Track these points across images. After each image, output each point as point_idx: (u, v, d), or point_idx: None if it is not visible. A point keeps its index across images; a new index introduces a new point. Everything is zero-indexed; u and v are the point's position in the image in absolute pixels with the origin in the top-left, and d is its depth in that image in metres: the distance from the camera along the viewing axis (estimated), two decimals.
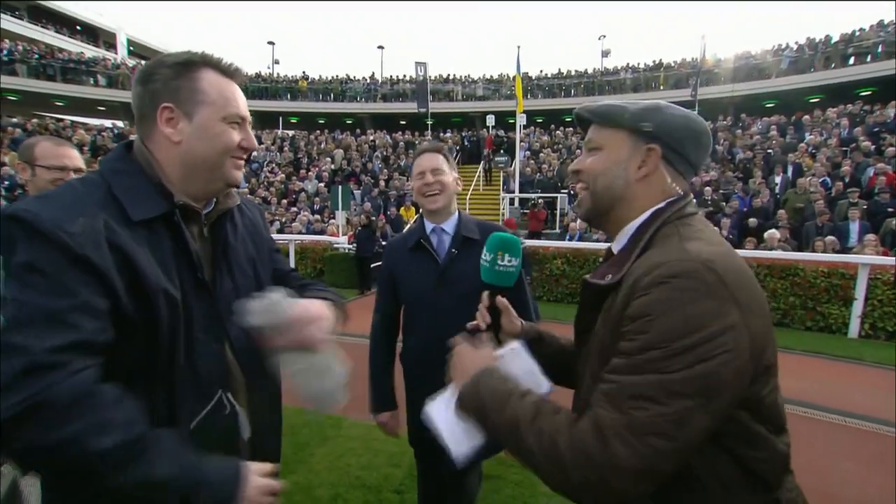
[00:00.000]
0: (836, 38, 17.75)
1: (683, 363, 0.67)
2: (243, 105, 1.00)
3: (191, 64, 0.95)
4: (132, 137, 0.99)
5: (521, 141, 15.56)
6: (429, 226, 1.77)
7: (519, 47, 15.16)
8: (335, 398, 1.02)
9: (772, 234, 8.28)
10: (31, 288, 0.74)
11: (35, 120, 18.28)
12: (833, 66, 17.20)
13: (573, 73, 23.05)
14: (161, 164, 0.94)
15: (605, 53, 25.74)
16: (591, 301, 0.86)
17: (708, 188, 11.16)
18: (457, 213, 1.80)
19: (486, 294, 1.06)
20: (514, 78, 17.14)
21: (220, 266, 1.02)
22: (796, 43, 18.67)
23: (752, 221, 9.38)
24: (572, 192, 13.01)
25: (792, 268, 7.16)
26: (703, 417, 0.67)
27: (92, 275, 0.77)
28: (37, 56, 21.22)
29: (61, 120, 20.50)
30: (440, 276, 1.68)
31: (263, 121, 22.79)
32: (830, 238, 7.87)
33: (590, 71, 23.14)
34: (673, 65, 21.06)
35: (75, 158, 1.77)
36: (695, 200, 0.89)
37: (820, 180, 9.99)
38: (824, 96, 16.52)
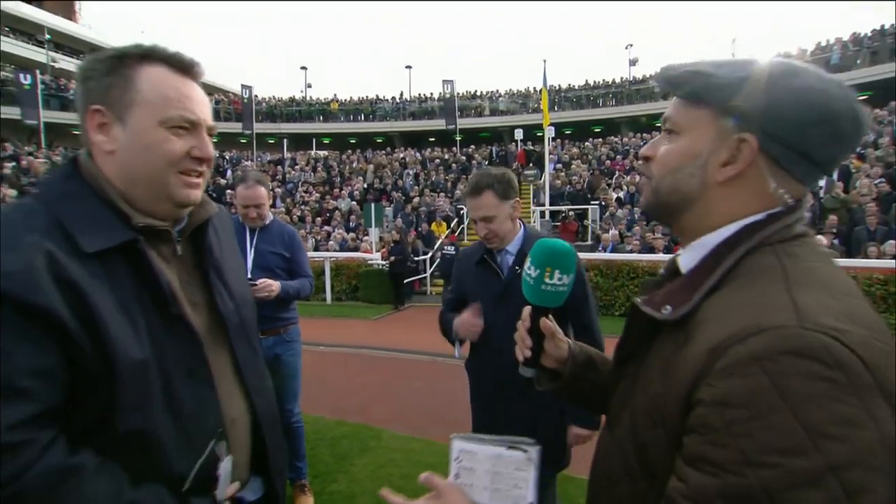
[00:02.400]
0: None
1: (816, 497, 0.44)
2: (198, 106, 0.82)
3: (126, 57, 0.79)
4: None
5: (550, 153, 15.53)
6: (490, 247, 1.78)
7: (545, 61, 15.27)
8: None
9: (820, 240, 7.91)
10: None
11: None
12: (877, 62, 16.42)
13: (601, 83, 22.90)
14: (109, 179, 0.79)
15: (633, 62, 25.50)
16: (641, 331, 0.66)
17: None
18: (521, 231, 1.76)
19: (526, 312, 0.85)
20: (540, 91, 17.21)
21: (214, 285, 0.91)
22: (837, 39, 17.94)
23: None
24: (610, 199, 12.58)
25: None
26: None
27: (36, 323, 0.64)
28: None
29: None
30: (502, 292, 1.67)
31: (297, 142, 23.68)
32: (892, 242, 7.38)
33: (618, 80, 22.93)
34: None
35: (261, 197, 2.05)
36: (808, 213, 0.62)
37: (874, 182, 9.48)
38: (872, 93, 15.73)
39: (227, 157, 20.59)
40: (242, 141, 22.05)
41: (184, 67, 0.83)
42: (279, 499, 1.02)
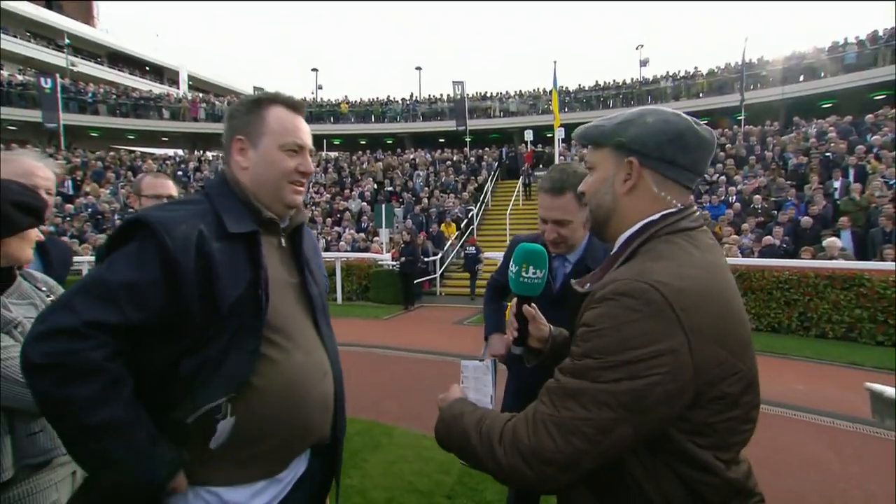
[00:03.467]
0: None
1: (612, 377, 0.70)
2: (303, 134, 1.14)
3: (260, 101, 1.13)
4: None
5: (559, 155, 15.50)
6: (553, 252, 1.65)
7: (555, 62, 15.28)
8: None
9: (832, 242, 7.83)
10: (114, 267, 0.92)
11: (112, 153, 20.06)
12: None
13: (611, 84, 22.80)
14: (243, 186, 1.10)
15: (644, 63, 25.33)
16: (576, 306, 0.87)
17: (757, 196, 10.68)
18: (585, 241, 1.64)
19: (514, 301, 1.09)
20: (550, 92, 17.19)
21: (305, 272, 1.18)
22: (856, 38, 17.65)
23: (806, 220, 8.89)
24: None
25: (857, 278, 6.73)
26: (625, 429, 0.71)
27: (171, 273, 0.92)
28: (114, 96, 23.38)
29: (133, 151, 22.41)
30: (553, 301, 1.54)
31: None
32: None
33: (628, 81, 22.81)
34: (716, 70, 20.42)
35: (169, 188, 2.09)
36: (698, 213, 0.87)
37: (891, 182, 9.33)
38: (891, 92, 15.42)
39: None
40: None
41: (295, 107, 1.15)
42: (340, 452, 1.26)
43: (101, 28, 34.56)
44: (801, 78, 18.08)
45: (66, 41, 26.92)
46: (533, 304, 1.08)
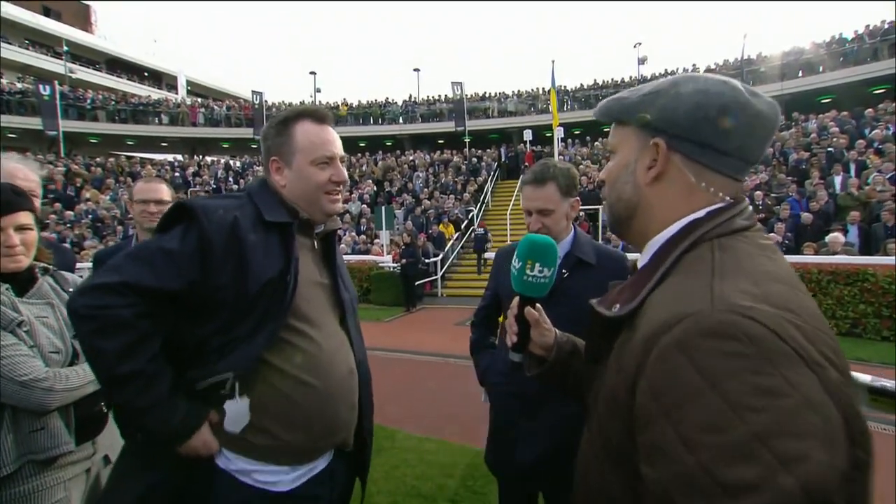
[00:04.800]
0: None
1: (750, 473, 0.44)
2: (332, 145, 1.20)
3: (287, 121, 1.19)
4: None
5: (559, 154, 15.48)
6: None
7: (553, 61, 15.26)
8: None
9: (835, 237, 7.80)
10: (160, 240, 1.04)
11: (111, 159, 20.07)
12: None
13: (609, 82, 22.78)
14: (282, 195, 1.19)
15: (642, 61, 25.24)
16: (598, 331, 0.71)
17: (759, 192, 10.64)
18: (572, 233, 1.66)
19: (515, 301, 0.96)
20: (549, 92, 17.18)
21: (337, 276, 1.25)
22: (855, 32, 17.60)
23: (806, 217, 8.85)
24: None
25: (860, 273, 6.70)
26: None
27: (207, 251, 1.02)
28: (113, 102, 23.40)
29: (132, 157, 22.43)
30: (547, 296, 1.55)
31: None
32: None
33: (626, 79, 22.79)
34: (715, 67, 20.39)
35: (159, 192, 2.09)
36: (750, 208, 0.69)
37: (887, 176, 9.29)
38: (890, 86, 15.37)
39: (240, 163, 20.91)
40: (254, 146, 22.31)
41: (321, 118, 1.21)
42: (368, 454, 1.30)
43: (100, 35, 34.58)
44: (800, 73, 18.04)
45: (65, 48, 26.97)
46: (539, 306, 0.95)
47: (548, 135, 18.71)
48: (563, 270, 1.59)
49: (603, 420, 0.65)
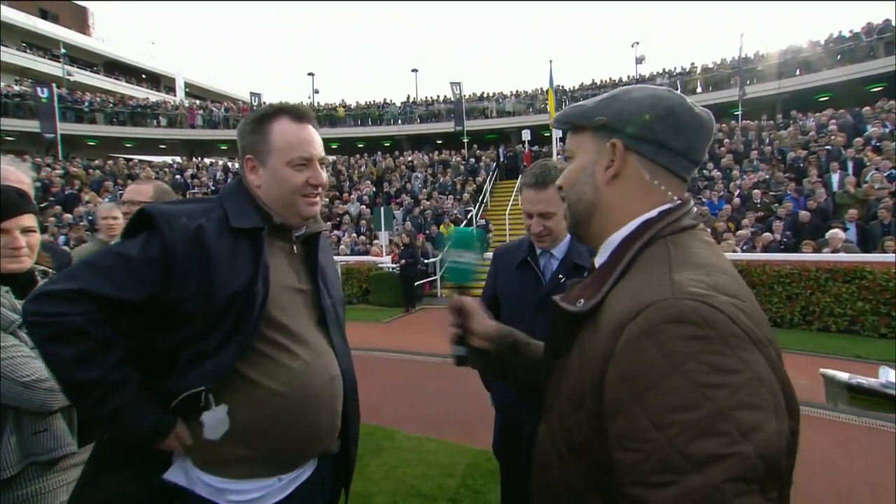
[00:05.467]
0: None
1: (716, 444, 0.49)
2: (310, 146, 1.12)
3: (264, 118, 1.12)
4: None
5: (557, 154, 15.49)
6: (538, 247, 1.67)
7: (551, 61, 15.29)
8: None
9: (835, 234, 7.81)
10: (121, 247, 0.99)
11: (110, 162, 20.06)
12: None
13: (607, 82, 22.81)
14: (257, 196, 1.13)
15: (640, 60, 25.30)
16: (562, 326, 0.72)
17: (757, 191, 10.66)
18: (569, 237, 1.65)
19: (452, 291, 1.01)
20: (547, 92, 17.20)
21: (318, 281, 1.17)
22: (850, 31, 17.63)
23: (804, 215, 8.86)
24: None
25: (858, 270, 6.72)
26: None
27: (168, 261, 0.97)
28: (111, 105, 23.38)
29: (130, 159, 22.40)
30: (542, 300, 1.56)
31: None
32: None
33: (624, 79, 22.82)
34: (712, 66, 20.42)
35: (139, 193, 2.08)
36: (695, 209, 0.74)
37: (885, 174, 9.32)
38: (887, 85, 15.40)
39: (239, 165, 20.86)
40: None
41: (300, 117, 1.14)
42: (352, 461, 1.25)
43: (97, 37, 34.56)
44: (798, 72, 18.07)
45: (63, 51, 26.93)
46: (480, 301, 1.01)
47: (546, 135, 18.74)
48: (560, 276, 1.59)
49: (565, 413, 0.68)
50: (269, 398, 1.03)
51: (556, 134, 15.17)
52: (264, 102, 22.68)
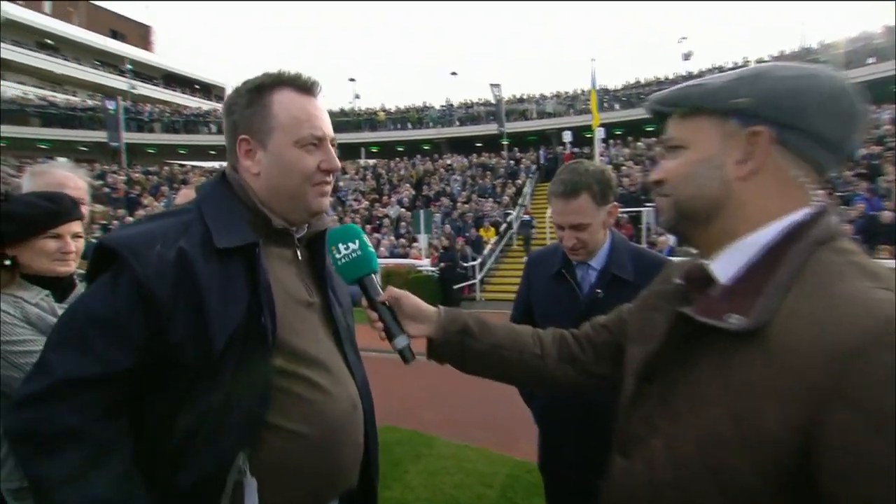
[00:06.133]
0: None
1: None
2: (320, 121, 0.92)
3: (262, 87, 0.90)
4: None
5: (599, 155, 15.06)
6: (573, 259, 1.51)
7: (593, 60, 14.88)
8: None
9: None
10: (88, 303, 0.79)
11: (165, 168, 21.38)
12: None
13: (652, 80, 21.99)
14: (254, 191, 0.92)
15: (687, 56, 24.20)
16: (677, 344, 0.62)
17: (821, 191, 9.90)
18: (607, 244, 1.48)
19: (362, 300, 0.90)
20: (589, 92, 16.78)
21: (328, 290, 0.99)
22: None
23: (888, 216, 8.12)
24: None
25: None
26: None
27: (148, 305, 0.77)
28: (168, 114, 24.95)
29: (184, 165, 23.81)
30: (580, 315, 1.35)
31: (346, 152, 24.43)
32: None
33: (670, 77, 21.92)
34: (769, 59, 19.26)
35: (188, 197, 2.10)
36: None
37: None
38: None
39: None
40: None
41: (306, 87, 0.93)
42: (375, 488, 1.08)
43: (157, 52, 37.05)
44: (870, 61, 16.69)
45: (128, 66, 29.09)
46: (384, 290, 0.89)
47: (588, 136, 18.26)
48: (597, 290, 1.44)
49: (694, 458, 0.55)
50: (289, 442, 0.85)
51: (598, 135, 14.72)
52: None
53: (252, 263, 0.85)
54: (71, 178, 1.64)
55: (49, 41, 28.85)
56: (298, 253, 0.98)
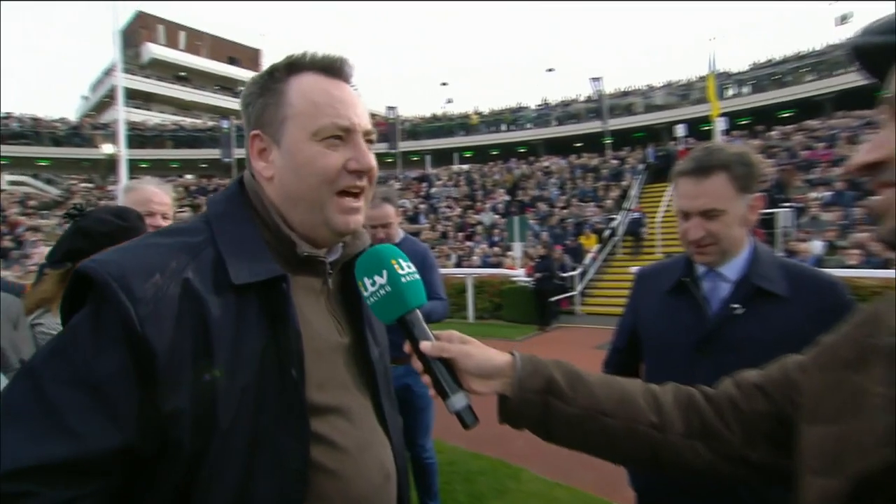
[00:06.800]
0: None
1: None
2: (348, 107, 0.75)
3: (276, 71, 0.76)
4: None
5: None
6: (699, 267, 1.28)
7: (713, 40, 13.56)
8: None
9: None
10: (61, 352, 0.60)
11: None
12: None
13: (790, 56, 19.44)
14: (270, 200, 0.76)
15: (844, 19, 20.79)
16: None
17: None
18: (748, 250, 1.25)
19: (406, 344, 0.74)
20: (706, 78, 15.35)
21: (364, 328, 0.84)
22: None
23: None
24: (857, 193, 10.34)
25: None
26: None
27: (140, 358, 0.60)
28: None
29: None
30: (707, 339, 1.20)
31: (439, 158, 25.12)
32: None
33: (817, 48, 19.17)
34: None
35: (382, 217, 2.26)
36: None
37: None
38: None
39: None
40: (389, 160, 24.28)
41: (332, 69, 0.77)
42: None
43: None
44: None
45: (240, 88, 33.31)
46: (454, 333, 0.74)
47: (705, 128, 16.69)
48: (734, 305, 1.19)
49: None
50: None
51: (718, 126, 13.34)
52: (400, 116, 24.63)
53: (278, 303, 0.69)
54: (157, 194, 1.83)
55: (182, 73, 34.67)
56: (329, 281, 0.81)
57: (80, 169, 25.05)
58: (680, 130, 16.69)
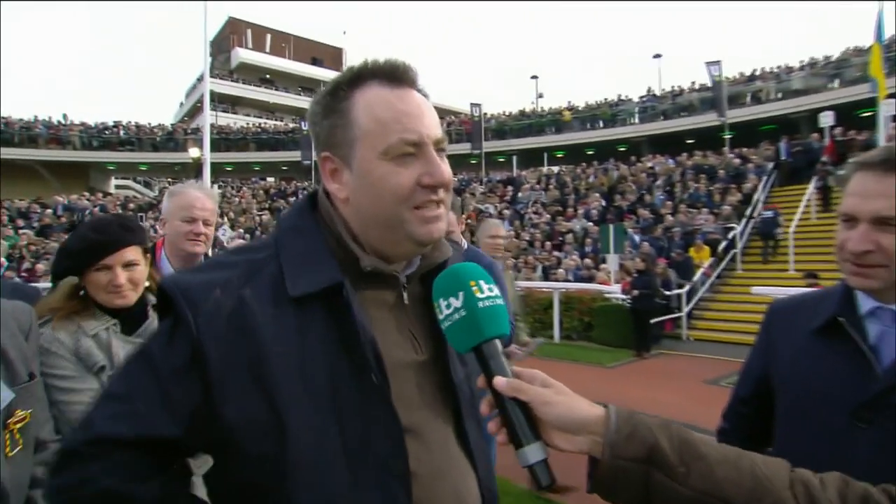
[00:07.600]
0: None
1: None
2: (418, 120, 0.79)
3: (338, 88, 0.81)
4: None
5: (887, 141, 11.99)
6: (864, 301, 1.08)
7: (882, 2, 11.91)
8: None
9: None
10: (144, 352, 0.77)
11: None
12: None
13: None
14: (345, 221, 0.83)
15: None
16: None
17: None
18: None
19: (480, 377, 0.73)
20: (868, 50, 13.61)
21: (443, 342, 0.83)
22: None
23: None
24: None
25: None
26: None
27: (199, 362, 0.71)
28: None
29: None
30: (873, 403, 1.01)
31: (528, 158, 24.86)
32: None
33: None
34: None
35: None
36: None
37: None
38: None
39: (457, 180, 23.15)
40: (472, 161, 24.44)
41: (397, 77, 0.81)
42: None
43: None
44: None
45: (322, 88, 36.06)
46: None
47: (865, 114, 14.77)
48: None
49: None
50: None
51: (885, 111, 11.68)
52: (486, 114, 24.70)
53: (336, 309, 0.75)
54: (199, 199, 1.86)
55: (267, 76, 38.07)
56: (405, 295, 0.86)
57: (173, 172, 28.23)
58: (827, 119, 14.96)
